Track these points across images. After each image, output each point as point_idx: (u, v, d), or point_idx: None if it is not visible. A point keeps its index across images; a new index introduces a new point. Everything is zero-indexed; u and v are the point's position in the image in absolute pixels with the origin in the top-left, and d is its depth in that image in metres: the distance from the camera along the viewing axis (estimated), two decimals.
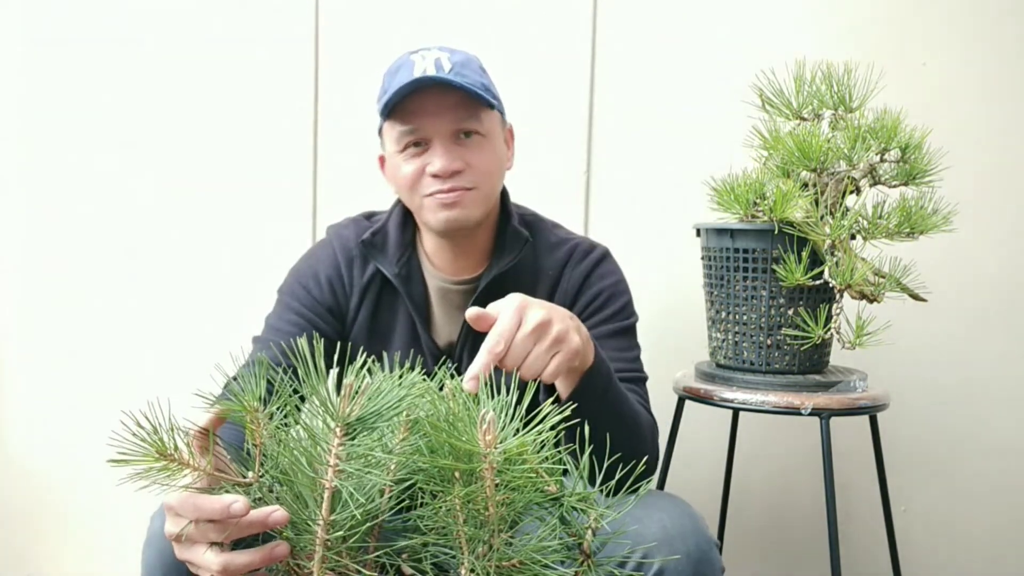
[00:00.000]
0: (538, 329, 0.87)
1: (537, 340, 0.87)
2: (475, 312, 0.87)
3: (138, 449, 0.65)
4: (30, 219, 1.89)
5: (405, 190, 1.16)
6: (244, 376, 0.72)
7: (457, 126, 1.12)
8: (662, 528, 0.92)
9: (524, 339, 0.86)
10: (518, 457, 0.65)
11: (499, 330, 0.85)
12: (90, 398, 1.89)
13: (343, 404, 0.65)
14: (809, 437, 1.71)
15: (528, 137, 1.43)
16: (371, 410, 0.65)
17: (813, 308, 1.26)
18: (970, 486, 1.74)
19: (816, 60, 1.28)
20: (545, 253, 1.23)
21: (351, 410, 0.65)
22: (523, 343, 0.86)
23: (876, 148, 1.23)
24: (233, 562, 0.68)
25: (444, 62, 1.10)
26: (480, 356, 0.84)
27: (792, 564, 1.79)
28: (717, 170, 1.33)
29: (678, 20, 1.74)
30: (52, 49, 1.85)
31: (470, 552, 0.67)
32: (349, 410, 0.65)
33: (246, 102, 1.83)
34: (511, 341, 0.85)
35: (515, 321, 0.86)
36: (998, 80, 1.68)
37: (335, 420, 0.65)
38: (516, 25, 1.77)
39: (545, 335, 0.87)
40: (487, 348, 0.84)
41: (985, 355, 1.71)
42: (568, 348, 0.89)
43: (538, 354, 0.87)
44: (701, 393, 1.31)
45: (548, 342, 0.87)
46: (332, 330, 1.20)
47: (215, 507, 0.66)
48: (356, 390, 0.65)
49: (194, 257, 1.86)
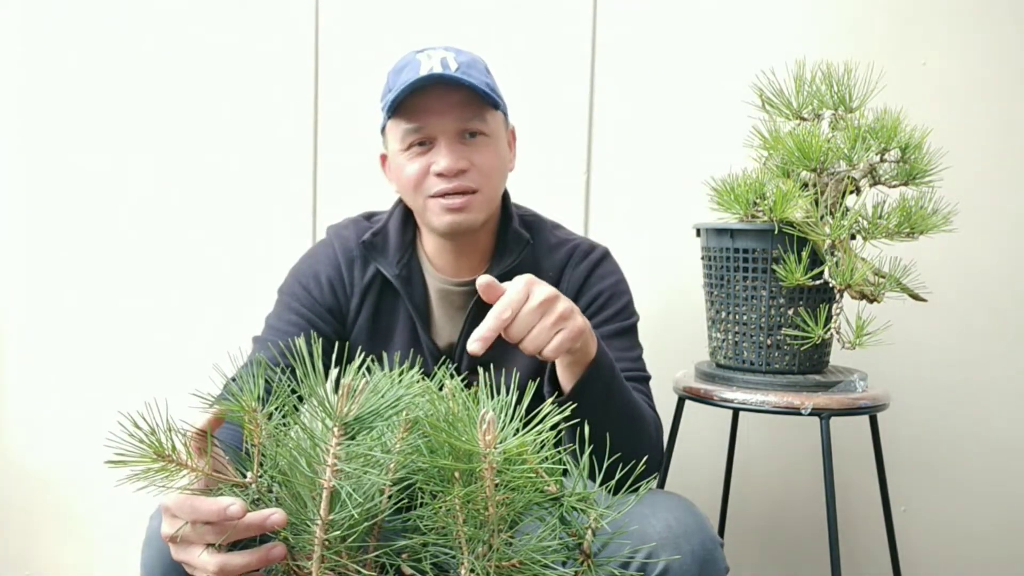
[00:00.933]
0: (544, 304, 0.90)
1: (543, 315, 0.90)
2: (486, 280, 0.90)
3: (136, 450, 0.65)
4: (30, 219, 1.89)
5: (408, 189, 1.15)
6: (242, 376, 0.72)
7: (462, 125, 1.11)
8: (667, 527, 0.92)
9: (531, 312, 0.89)
10: (518, 457, 0.65)
11: (507, 300, 0.88)
12: (90, 398, 1.89)
13: (341, 403, 0.65)
14: (809, 437, 1.71)
15: (528, 137, 1.43)
16: (369, 409, 0.65)
17: (813, 308, 1.26)
18: (970, 486, 1.74)
19: (816, 60, 1.28)
20: (545, 254, 1.23)
21: (349, 409, 0.65)
22: (529, 315, 0.89)
23: (876, 148, 1.22)
24: (230, 563, 0.68)
25: (450, 61, 1.10)
26: (487, 321, 0.86)
27: (792, 564, 1.79)
28: (717, 170, 1.33)
29: (678, 20, 1.74)
30: (52, 49, 1.85)
31: (470, 552, 0.67)
32: (347, 409, 0.65)
33: (246, 102, 1.83)
34: (518, 311, 0.88)
35: (523, 294, 0.89)
36: (998, 80, 1.68)
37: (332, 420, 0.65)
38: (516, 25, 1.77)
39: (551, 311, 0.90)
40: (494, 314, 0.87)
41: (985, 355, 1.71)
42: (572, 327, 0.91)
43: (543, 328, 0.89)
44: (701, 393, 1.31)
45: (553, 318, 0.90)
46: (332, 330, 1.20)
47: (212, 509, 0.66)
48: (354, 389, 0.66)
49: (194, 257, 1.86)
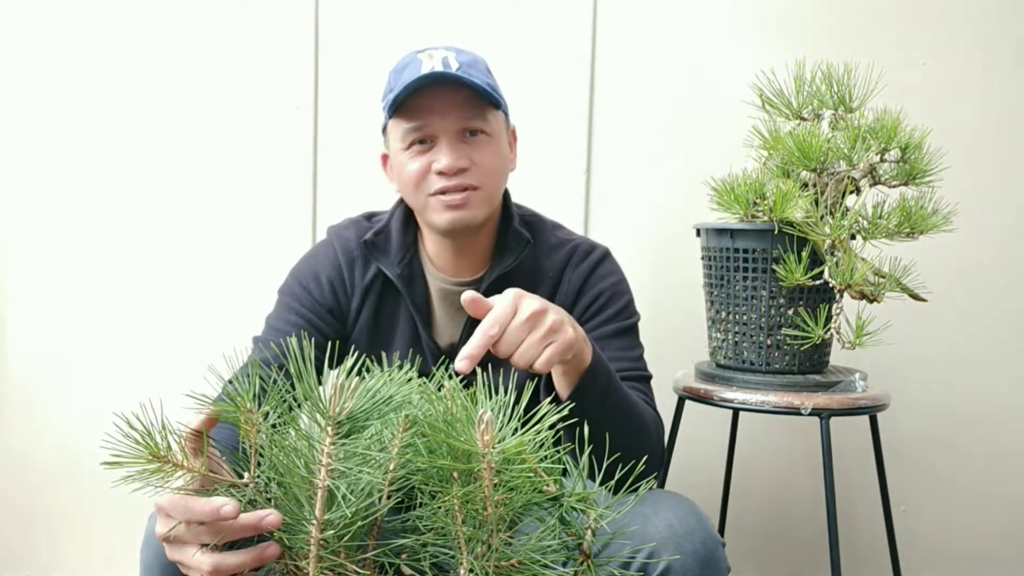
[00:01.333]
0: (532, 318, 0.88)
1: (531, 329, 0.88)
2: (471, 296, 0.88)
3: (131, 451, 0.65)
4: (30, 218, 1.89)
5: (410, 188, 1.15)
6: (239, 377, 0.72)
7: (464, 124, 1.12)
8: (669, 527, 0.92)
9: (519, 327, 0.87)
10: (516, 457, 0.65)
11: (495, 315, 0.86)
12: (90, 398, 1.89)
13: (333, 402, 0.65)
14: (809, 437, 1.71)
15: (528, 137, 1.42)
16: (361, 407, 0.65)
17: (813, 308, 1.26)
18: (970, 486, 1.74)
19: (816, 60, 1.28)
20: (546, 254, 1.23)
21: (341, 408, 0.65)
22: (517, 330, 0.87)
23: (876, 148, 1.22)
24: (224, 563, 0.68)
25: (452, 61, 1.10)
26: (474, 337, 0.85)
27: (792, 564, 1.79)
28: (717, 170, 1.33)
29: (678, 20, 1.74)
30: (52, 49, 1.85)
31: (469, 552, 0.67)
32: (339, 408, 0.65)
33: (246, 102, 1.83)
34: (506, 327, 0.86)
35: (511, 309, 0.87)
36: (998, 80, 1.68)
37: (325, 418, 0.65)
38: (516, 25, 1.77)
39: (539, 325, 0.88)
40: (482, 330, 0.85)
41: (985, 355, 1.71)
42: (562, 339, 0.90)
43: (532, 342, 0.87)
44: (701, 393, 1.31)
45: (542, 332, 0.88)
46: (332, 331, 1.19)
47: (205, 509, 0.66)
48: (346, 387, 0.65)
49: (194, 257, 1.86)
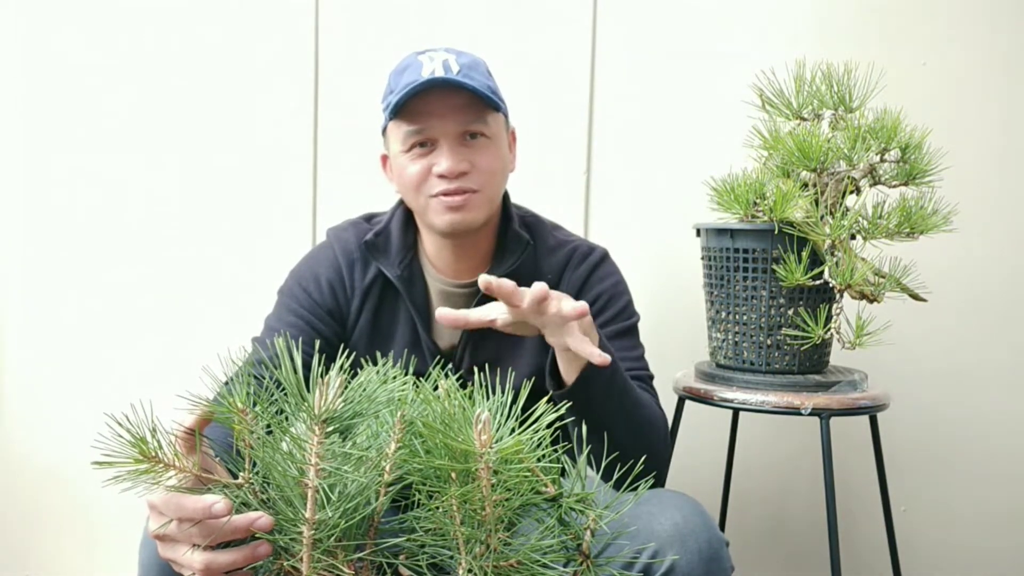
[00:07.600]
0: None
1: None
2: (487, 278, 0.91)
3: (122, 451, 0.65)
4: (30, 219, 1.89)
5: (410, 190, 1.15)
6: (235, 378, 0.72)
7: (464, 127, 1.12)
8: (674, 525, 0.92)
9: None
10: (514, 457, 0.65)
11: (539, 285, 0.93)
12: (90, 398, 1.89)
13: (317, 400, 0.65)
14: (809, 437, 1.71)
15: (528, 137, 1.43)
16: (349, 405, 0.65)
17: (813, 308, 1.26)
18: (970, 486, 1.74)
19: (816, 60, 1.28)
20: (545, 256, 1.23)
21: (326, 406, 0.64)
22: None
23: (876, 148, 1.22)
24: (215, 561, 0.68)
25: (452, 63, 1.10)
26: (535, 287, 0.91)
27: (792, 564, 1.79)
28: (717, 170, 1.33)
29: (678, 20, 1.74)
30: (52, 49, 1.86)
31: (467, 552, 0.67)
32: (324, 406, 0.64)
33: (246, 102, 1.83)
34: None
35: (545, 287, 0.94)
36: (998, 80, 1.67)
37: (311, 417, 0.65)
38: (516, 25, 1.77)
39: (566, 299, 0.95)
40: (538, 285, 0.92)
41: (985, 355, 1.71)
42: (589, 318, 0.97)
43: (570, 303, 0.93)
44: (701, 393, 1.31)
45: None
46: (332, 333, 1.20)
47: (196, 507, 0.66)
48: (330, 385, 0.65)
49: (194, 258, 1.86)
